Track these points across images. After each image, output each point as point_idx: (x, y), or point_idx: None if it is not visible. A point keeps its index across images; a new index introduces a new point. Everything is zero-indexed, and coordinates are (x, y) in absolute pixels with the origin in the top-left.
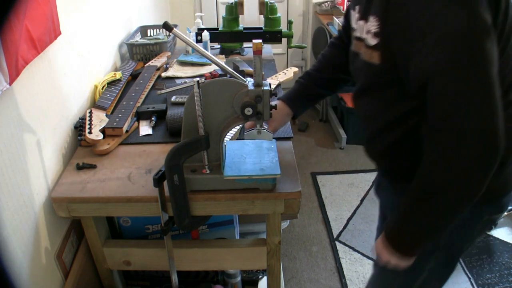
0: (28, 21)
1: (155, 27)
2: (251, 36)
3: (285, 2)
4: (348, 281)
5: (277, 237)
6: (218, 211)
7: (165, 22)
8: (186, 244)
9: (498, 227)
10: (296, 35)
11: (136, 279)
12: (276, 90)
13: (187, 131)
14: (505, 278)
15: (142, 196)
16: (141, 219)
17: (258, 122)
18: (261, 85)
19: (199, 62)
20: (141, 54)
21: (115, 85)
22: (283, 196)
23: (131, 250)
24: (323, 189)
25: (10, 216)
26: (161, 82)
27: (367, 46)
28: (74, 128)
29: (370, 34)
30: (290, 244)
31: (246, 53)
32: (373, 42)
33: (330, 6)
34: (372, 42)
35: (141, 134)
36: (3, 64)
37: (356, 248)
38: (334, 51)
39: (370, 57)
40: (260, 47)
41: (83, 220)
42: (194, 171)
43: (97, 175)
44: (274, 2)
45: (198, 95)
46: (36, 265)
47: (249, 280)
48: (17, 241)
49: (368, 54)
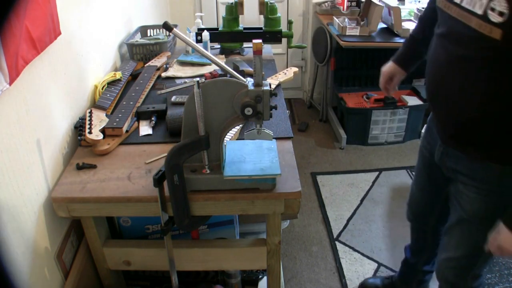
0: (28, 21)
1: (155, 27)
2: (251, 36)
3: (285, 2)
4: (348, 281)
5: (277, 237)
6: (218, 211)
7: (165, 22)
8: (186, 244)
9: None
10: (296, 35)
11: (136, 279)
12: (276, 90)
13: (187, 131)
14: (505, 278)
15: (142, 196)
16: (141, 219)
17: (258, 122)
18: (261, 85)
19: (199, 62)
20: (141, 54)
21: (115, 85)
22: (283, 196)
23: (131, 250)
24: (323, 189)
25: (10, 216)
26: (161, 82)
27: (485, 20)
28: (74, 128)
29: (495, 12)
30: (290, 244)
31: (246, 53)
32: (496, 20)
33: (330, 6)
34: (494, 19)
35: (141, 134)
36: (3, 64)
37: (356, 248)
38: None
39: (489, 31)
40: (260, 47)
41: (83, 220)
42: (194, 171)
43: (97, 175)
44: (274, 2)
45: (198, 95)
46: (36, 265)
47: (249, 280)
48: (17, 241)
49: (485, 28)
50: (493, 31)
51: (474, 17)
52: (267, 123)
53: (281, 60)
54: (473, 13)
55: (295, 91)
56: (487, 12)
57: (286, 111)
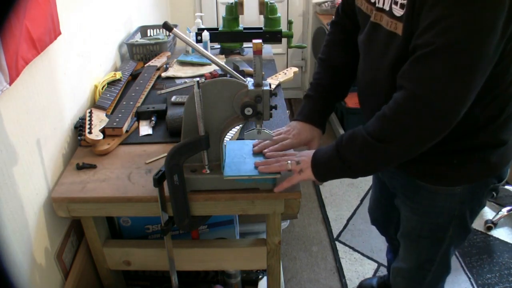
0: (28, 21)
1: (155, 27)
2: (251, 36)
3: (285, 2)
4: (348, 281)
5: (277, 237)
6: (218, 211)
7: (165, 22)
8: (186, 244)
9: (498, 227)
10: (296, 35)
11: (136, 279)
12: (276, 90)
13: (187, 131)
14: (505, 278)
15: (142, 196)
16: (141, 219)
17: (258, 122)
18: (261, 85)
19: (199, 62)
20: (141, 54)
21: (115, 85)
22: (283, 196)
23: (131, 250)
24: (323, 189)
25: (10, 216)
26: (161, 82)
27: (391, 16)
28: (74, 128)
29: (397, 5)
30: (290, 244)
31: (246, 53)
32: (398, 13)
33: (330, 6)
34: (397, 14)
35: (141, 134)
36: (3, 64)
37: (356, 248)
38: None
39: (394, 27)
40: (260, 47)
41: (83, 220)
42: (194, 171)
43: (97, 175)
44: (274, 2)
45: (198, 95)
46: (36, 265)
47: (249, 280)
48: (17, 241)
49: (391, 24)
50: (398, 27)
51: (384, 15)
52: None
53: (281, 60)
54: (383, 10)
55: (295, 91)
56: (392, 7)
57: (286, 111)
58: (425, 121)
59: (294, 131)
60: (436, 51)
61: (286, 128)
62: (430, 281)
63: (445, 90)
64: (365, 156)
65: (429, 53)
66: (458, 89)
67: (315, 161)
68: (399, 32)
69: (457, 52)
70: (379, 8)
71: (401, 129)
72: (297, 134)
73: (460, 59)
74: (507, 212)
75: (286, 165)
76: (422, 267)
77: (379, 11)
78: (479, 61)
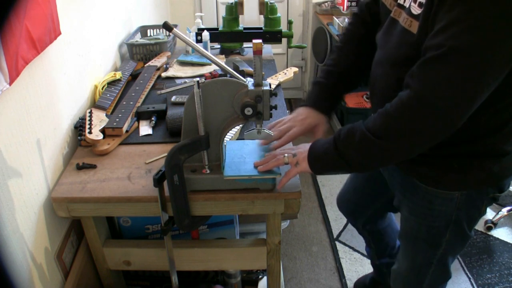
0: (28, 21)
1: (155, 27)
2: (251, 36)
3: (285, 2)
4: (348, 281)
5: (277, 237)
6: (218, 211)
7: (165, 22)
8: (186, 244)
9: (498, 227)
10: (296, 35)
11: (136, 279)
12: (276, 90)
13: (187, 131)
14: (505, 278)
15: (142, 196)
16: (141, 219)
17: (258, 122)
18: (261, 85)
19: (199, 62)
20: (141, 54)
21: (115, 85)
22: (283, 196)
23: (131, 250)
24: (323, 189)
25: (10, 216)
26: (161, 82)
27: (408, 14)
28: (74, 128)
29: (416, 2)
30: (290, 244)
31: (246, 53)
32: (416, 12)
33: (330, 6)
34: (415, 12)
35: (141, 134)
36: (3, 64)
37: (356, 248)
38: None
39: (409, 24)
40: (260, 47)
41: (83, 220)
42: (194, 171)
43: (97, 175)
44: (274, 2)
45: (198, 95)
46: (36, 265)
47: (249, 280)
48: (17, 241)
49: (407, 22)
50: (412, 24)
51: (403, 11)
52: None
53: (281, 60)
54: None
55: (295, 91)
56: (411, 4)
57: (286, 111)
58: (426, 122)
59: (300, 116)
60: (447, 54)
61: (292, 114)
62: (428, 285)
63: (450, 95)
64: (362, 151)
65: (440, 55)
66: (463, 95)
67: (312, 153)
68: (413, 30)
69: (468, 57)
70: (400, 4)
71: (400, 127)
72: (303, 120)
73: (469, 65)
74: (507, 212)
75: (282, 159)
76: (419, 270)
77: (399, 7)
78: (489, 69)
